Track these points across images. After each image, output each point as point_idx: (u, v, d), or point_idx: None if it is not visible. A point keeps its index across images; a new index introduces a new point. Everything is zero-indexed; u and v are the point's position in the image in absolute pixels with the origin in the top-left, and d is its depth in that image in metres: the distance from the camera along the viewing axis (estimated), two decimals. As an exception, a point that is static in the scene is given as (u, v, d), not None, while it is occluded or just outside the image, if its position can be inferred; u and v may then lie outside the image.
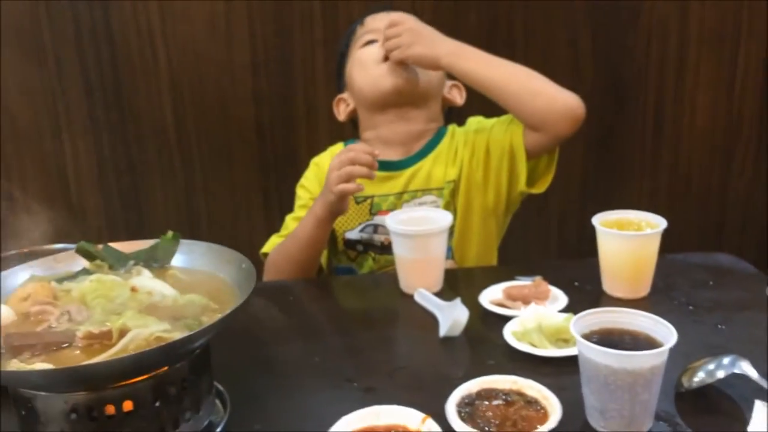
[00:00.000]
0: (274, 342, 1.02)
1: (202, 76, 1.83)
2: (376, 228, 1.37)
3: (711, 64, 1.90)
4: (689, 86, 1.94)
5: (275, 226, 1.43)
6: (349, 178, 1.18)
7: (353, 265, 1.40)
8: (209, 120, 1.87)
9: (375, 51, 1.35)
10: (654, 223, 1.09)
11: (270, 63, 1.84)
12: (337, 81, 1.47)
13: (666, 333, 0.78)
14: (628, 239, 1.07)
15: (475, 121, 1.41)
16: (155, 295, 0.79)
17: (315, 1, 1.79)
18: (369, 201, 1.37)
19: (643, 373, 0.74)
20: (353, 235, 1.39)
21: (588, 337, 0.80)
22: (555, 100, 1.24)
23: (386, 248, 1.37)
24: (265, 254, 1.35)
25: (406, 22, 1.30)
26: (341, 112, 1.46)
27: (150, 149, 1.87)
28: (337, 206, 1.22)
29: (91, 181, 1.88)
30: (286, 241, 1.32)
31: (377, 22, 1.38)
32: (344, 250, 1.40)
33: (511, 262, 1.48)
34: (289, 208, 1.43)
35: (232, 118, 1.88)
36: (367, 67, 1.35)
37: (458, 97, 1.43)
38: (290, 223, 1.39)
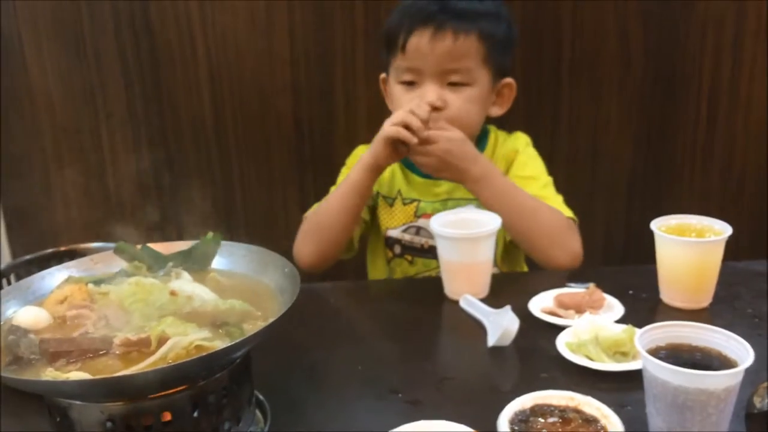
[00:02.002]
0: (314, 348, 0.98)
1: (241, 68, 1.80)
2: (418, 230, 1.35)
3: (769, 58, 1.81)
4: (745, 81, 1.84)
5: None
6: (401, 125, 1.18)
7: (386, 268, 1.38)
8: (247, 113, 1.84)
9: (407, 101, 1.25)
10: (718, 230, 1.02)
11: (310, 55, 1.80)
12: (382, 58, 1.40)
13: (740, 350, 0.72)
14: (690, 246, 1.01)
15: (520, 153, 1.36)
16: (195, 300, 0.76)
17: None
18: (415, 204, 1.35)
19: (717, 394, 0.69)
20: (395, 233, 1.36)
21: (654, 352, 0.74)
22: (556, 252, 1.22)
23: (426, 251, 1.34)
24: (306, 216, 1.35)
25: (438, 140, 1.20)
26: (386, 95, 1.41)
27: (187, 143, 1.85)
28: (382, 152, 1.21)
29: (129, 175, 1.87)
30: (328, 195, 1.31)
31: (419, 57, 1.25)
32: (383, 248, 1.38)
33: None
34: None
35: (270, 112, 1.84)
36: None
37: (498, 110, 1.36)
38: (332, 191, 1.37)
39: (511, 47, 1.34)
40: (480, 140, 1.37)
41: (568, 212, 1.29)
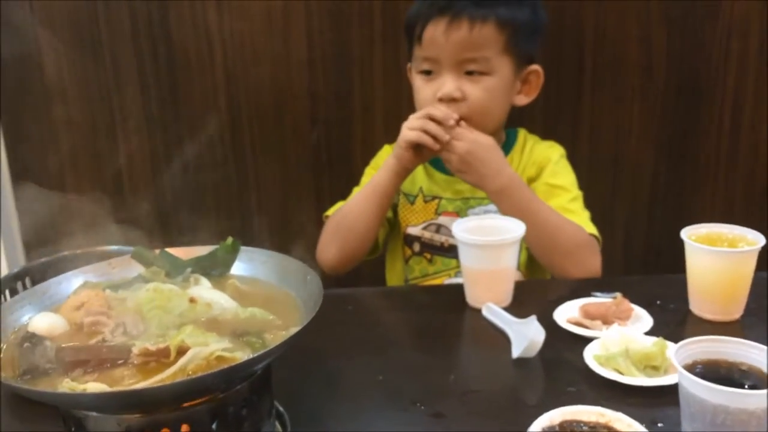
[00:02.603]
0: (334, 356, 0.96)
1: (258, 72, 1.78)
2: (438, 228, 1.33)
3: (796, 65, 1.78)
4: (771, 88, 1.81)
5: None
6: (420, 130, 1.17)
7: (404, 268, 1.36)
8: (264, 117, 1.82)
9: (428, 91, 1.26)
10: (751, 240, 0.99)
11: (327, 58, 1.78)
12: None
13: (781, 368, 0.69)
14: (722, 256, 0.98)
15: (553, 162, 1.33)
16: (215, 308, 0.74)
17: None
18: (436, 201, 1.33)
19: (758, 414, 0.66)
20: (415, 231, 1.34)
21: (691, 368, 0.71)
22: (573, 269, 1.20)
23: (446, 250, 1.32)
24: (328, 217, 1.33)
25: (463, 140, 1.18)
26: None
27: (203, 146, 1.83)
28: (402, 155, 1.20)
29: (144, 179, 1.85)
30: (352, 196, 1.30)
31: (435, 47, 1.24)
32: (402, 245, 1.36)
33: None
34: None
35: (287, 115, 1.82)
36: (421, 102, 1.28)
37: (524, 98, 1.34)
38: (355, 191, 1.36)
39: (537, 33, 1.31)
40: (508, 139, 1.35)
41: (592, 229, 1.26)
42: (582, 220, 1.26)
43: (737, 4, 1.74)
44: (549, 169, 1.31)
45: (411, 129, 1.20)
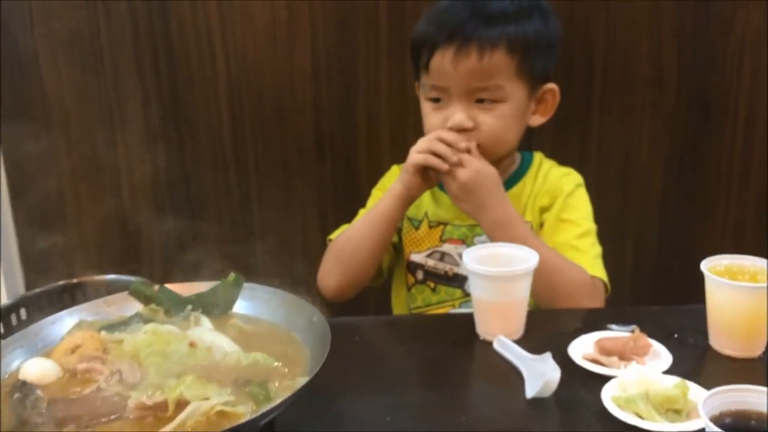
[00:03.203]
0: (341, 395, 0.91)
1: (262, 85, 1.75)
2: (443, 255, 1.28)
3: (811, 81, 1.74)
4: (784, 104, 1.77)
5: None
6: (429, 152, 1.14)
7: (407, 296, 1.32)
8: (267, 131, 1.79)
9: (437, 120, 1.21)
10: (775, 273, 0.95)
11: (332, 72, 1.75)
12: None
13: (815, 422, 0.65)
14: (744, 291, 0.94)
15: (568, 195, 1.27)
16: (216, 352, 0.70)
17: (382, 1, 1.68)
18: (441, 227, 1.28)
19: (792, 473, 0.62)
20: (419, 258, 1.30)
21: (718, 420, 0.68)
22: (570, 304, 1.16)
23: (450, 279, 1.28)
24: (331, 240, 1.29)
25: (467, 167, 1.14)
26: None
27: (205, 160, 1.80)
28: (410, 180, 1.17)
29: (144, 193, 1.82)
30: (356, 221, 1.26)
31: (443, 76, 1.19)
32: (404, 273, 1.32)
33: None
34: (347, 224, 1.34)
35: (291, 129, 1.79)
36: (430, 130, 1.23)
37: (539, 119, 1.29)
38: (362, 213, 1.32)
39: (551, 47, 1.25)
40: (523, 161, 1.30)
41: (597, 271, 1.21)
42: (588, 259, 1.21)
43: (750, 19, 1.70)
44: (560, 201, 1.25)
45: (419, 152, 1.16)
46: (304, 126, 1.78)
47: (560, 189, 1.26)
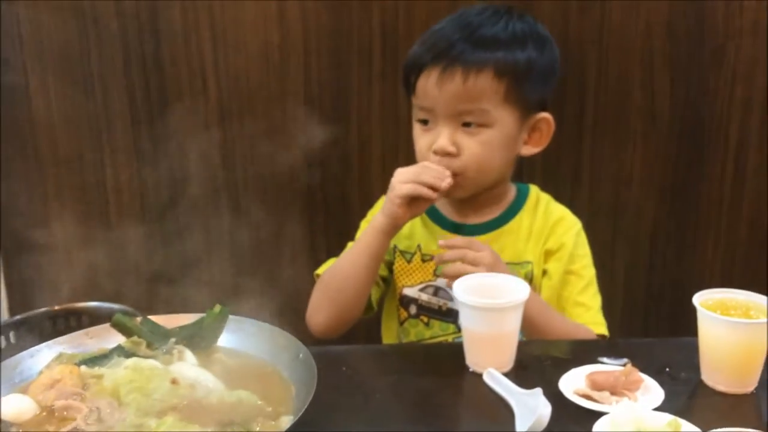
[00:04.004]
0: (326, 427, 0.89)
1: (253, 109, 1.74)
2: (437, 290, 1.26)
3: (802, 112, 1.75)
4: (776, 134, 1.78)
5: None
6: (414, 182, 1.12)
7: (399, 330, 1.30)
8: (257, 155, 1.78)
9: (424, 142, 1.20)
10: (767, 309, 0.94)
11: (324, 97, 1.74)
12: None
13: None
14: (737, 327, 0.93)
15: (570, 247, 1.26)
16: (198, 390, 0.68)
17: (375, 27, 1.68)
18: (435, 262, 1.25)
19: None
20: (412, 292, 1.28)
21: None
22: None
23: (444, 314, 1.26)
24: (319, 276, 1.27)
25: (469, 251, 1.14)
26: None
27: (194, 184, 1.78)
28: (396, 212, 1.14)
29: (132, 215, 1.80)
30: (341, 255, 1.23)
31: (428, 98, 1.19)
32: (397, 307, 1.30)
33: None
34: (337, 252, 1.32)
35: (281, 154, 1.78)
36: (418, 152, 1.23)
37: (531, 148, 1.27)
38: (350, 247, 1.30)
39: (546, 76, 1.23)
40: (519, 194, 1.29)
41: (600, 327, 1.21)
42: (592, 315, 1.22)
43: (742, 49, 1.71)
44: (566, 255, 1.24)
45: (404, 182, 1.14)
46: (295, 152, 1.77)
47: (567, 241, 1.25)
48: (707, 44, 1.71)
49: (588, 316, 1.21)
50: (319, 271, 1.28)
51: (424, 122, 1.21)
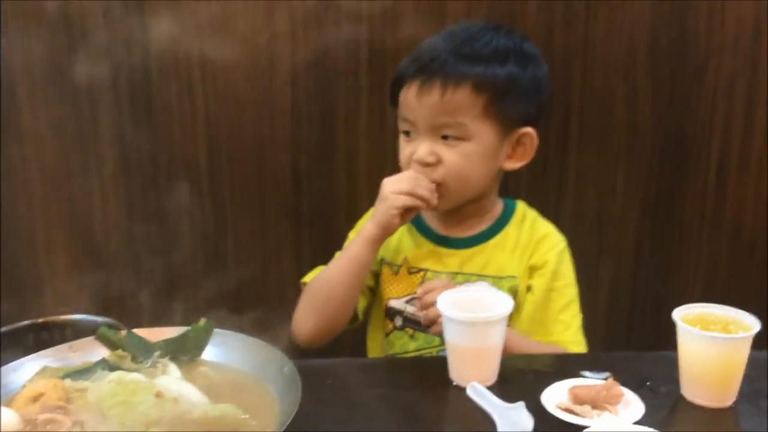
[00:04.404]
0: (311, 441, 0.90)
1: (240, 122, 1.75)
2: None
3: (782, 127, 1.78)
4: (756, 149, 1.80)
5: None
6: (409, 193, 1.15)
7: (384, 342, 1.30)
8: (244, 166, 1.78)
9: (407, 152, 1.22)
10: (746, 324, 0.96)
11: (311, 109, 1.75)
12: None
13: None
14: (716, 342, 0.94)
15: (554, 266, 1.26)
16: (182, 404, 0.68)
17: (362, 41, 1.69)
18: (422, 274, 1.27)
19: None
20: (398, 304, 1.28)
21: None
22: None
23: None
24: (306, 284, 1.28)
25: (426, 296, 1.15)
26: None
27: (181, 194, 1.79)
28: (391, 222, 1.17)
29: (117, 226, 1.80)
30: (328, 264, 1.25)
31: (409, 110, 1.21)
32: (383, 318, 1.31)
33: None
34: (324, 263, 1.32)
35: (268, 166, 1.79)
36: (401, 161, 1.25)
37: (514, 163, 1.27)
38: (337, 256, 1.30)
39: (530, 92, 1.23)
40: (506, 209, 1.31)
41: (579, 346, 1.23)
42: (571, 333, 1.24)
43: (724, 64, 1.74)
44: (549, 273, 1.25)
45: (398, 194, 1.16)
46: (281, 163, 1.78)
47: (550, 258, 1.26)
48: (689, 60, 1.74)
49: (568, 334, 1.23)
50: (306, 279, 1.28)
51: (407, 133, 1.23)
